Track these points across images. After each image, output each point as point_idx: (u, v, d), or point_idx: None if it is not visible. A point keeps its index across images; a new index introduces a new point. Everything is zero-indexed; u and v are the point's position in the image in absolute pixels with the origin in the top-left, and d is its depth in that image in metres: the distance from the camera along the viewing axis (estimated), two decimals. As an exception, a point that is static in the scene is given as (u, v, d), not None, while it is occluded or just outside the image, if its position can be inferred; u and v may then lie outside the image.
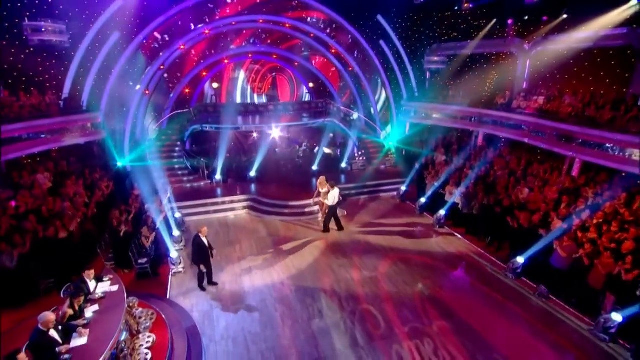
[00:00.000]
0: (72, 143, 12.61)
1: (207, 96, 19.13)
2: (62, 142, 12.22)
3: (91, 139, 13.34)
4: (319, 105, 17.36)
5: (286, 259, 9.70)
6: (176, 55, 16.70)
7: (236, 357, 6.45)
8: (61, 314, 5.51)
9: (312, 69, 19.52)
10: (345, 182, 14.36)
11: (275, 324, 7.28)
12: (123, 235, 8.60)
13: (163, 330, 6.46)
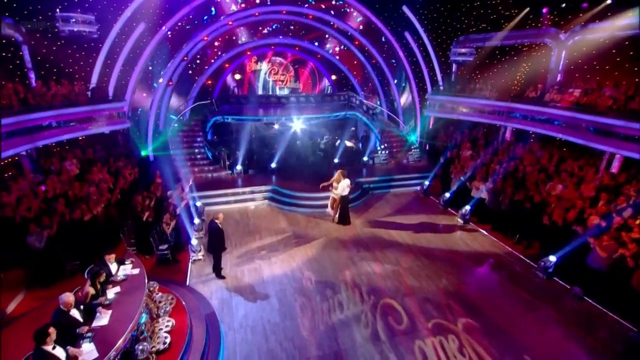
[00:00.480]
0: (98, 131, 12.87)
1: (229, 88, 19.18)
2: (89, 130, 12.48)
3: (116, 128, 13.57)
4: (342, 97, 17.04)
5: (306, 250, 9.55)
6: (199, 46, 16.79)
7: (254, 345, 6.35)
8: (84, 293, 5.55)
9: (334, 61, 19.24)
10: (367, 176, 14.09)
11: (294, 314, 7.14)
12: (145, 221, 8.66)
13: (182, 316, 6.42)
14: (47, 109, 11.11)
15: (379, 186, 13.96)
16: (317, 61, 19.88)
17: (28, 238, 7.26)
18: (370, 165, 15.53)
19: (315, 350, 6.29)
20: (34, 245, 7.31)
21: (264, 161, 14.79)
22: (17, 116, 10.04)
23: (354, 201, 12.56)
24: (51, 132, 11.22)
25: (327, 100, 16.96)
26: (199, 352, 5.85)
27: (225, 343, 6.38)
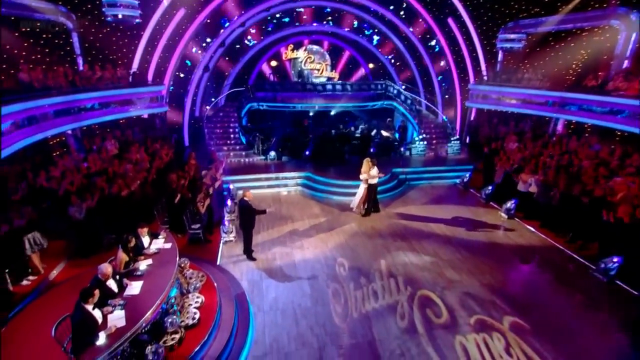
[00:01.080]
0: (138, 114, 13.20)
1: (264, 75, 19.14)
2: (129, 112, 12.81)
3: (154, 111, 13.86)
4: (379, 86, 16.49)
5: (339, 236, 9.22)
6: (237, 33, 16.82)
7: (284, 329, 6.10)
8: (118, 261, 5.54)
9: (372, 49, 18.67)
10: (403, 167, 13.52)
11: (326, 300, 6.84)
12: (178, 200, 8.66)
13: (212, 293, 6.30)
14: (91, 90, 11.47)
15: (416, 177, 13.35)
16: (354, 49, 19.38)
17: (69, 209, 7.44)
18: (407, 156, 14.91)
19: (347, 338, 5.95)
20: (75, 216, 7.48)
21: (298, 149, 14.58)
22: (65, 96, 10.42)
23: (389, 191, 12.10)
24: (94, 113, 11.58)
25: (364, 88, 16.48)
26: (228, 331, 5.67)
27: (255, 324, 6.19)
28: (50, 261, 7.38)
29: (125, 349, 4.57)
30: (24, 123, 8.93)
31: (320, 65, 19.05)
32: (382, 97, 16.84)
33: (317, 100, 16.84)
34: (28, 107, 8.92)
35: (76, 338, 4.24)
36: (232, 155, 14.10)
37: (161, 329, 5.15)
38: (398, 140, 15.43)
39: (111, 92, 12.05)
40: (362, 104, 16.92)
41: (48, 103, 9.67)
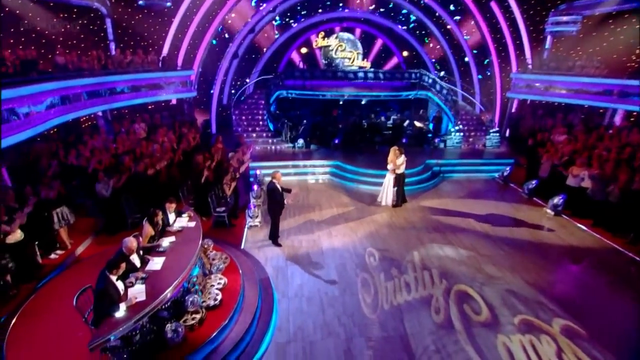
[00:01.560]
0: (167, 98, 13.35)
1: (294, 63, 18.95)
2: (158, 96, 12.96)
3: (183, 96, 13.99)
4: (413, 75, 15.87)
5: (369, 226, 8.86)
6: (267, 19, 16.70)
7: (310, 316, 5.82)
8: (143, 234, 5.49)
9: (406, 37, 18.04)
10: (437, 159, 12.92)
11: (355, 290, 6.51)
12: (204, 181, 8.58)
13: (235, 276, 6.12)
14: (122, 73, 11.67)
15: (451, 170, 12.72)
16: (387, 37, 18.81)
17: (96, 185, 7.50)
18: (441, 148, 14.27)
19: (378, 330, 5.59)
20: (101, 193, 7.54)
21: (327, 138, 14.28)
22: (97, 77, 10.64)
23: (422, 183, 11.58)
24: (124, 96, 11.79)
25: (397, 77, 15.92)
26: (251, 314, 5.46)
27: (278, 310, 5.96)
28: (77, 237, 7.49)
29: (145, 324, 4.45)
30: (58, 102, 9.15)
31: (352, 53, 18.62)
32: (416, 86, 16.21)
33: (347, 88, 16.45)
34: (61, 87, 9.12)
35: (97, 307, 4.16)
36: (260, 142, 13.99)
37: (182, 308, 5.00)
38: (432, 132, 14.77)
39: (141, 76, 12.23)
40: (394, 94, 16.35)
41: (80, 84, 9.89)
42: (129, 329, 4.11)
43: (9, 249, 5.72)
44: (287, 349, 5.20)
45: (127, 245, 4.92)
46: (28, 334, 4.91)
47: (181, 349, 4.60)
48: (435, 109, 16.18)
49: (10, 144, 6.94)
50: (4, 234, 5.63)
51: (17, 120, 7.32)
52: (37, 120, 7.99)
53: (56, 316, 5.12)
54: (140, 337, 4.39)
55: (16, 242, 5.84)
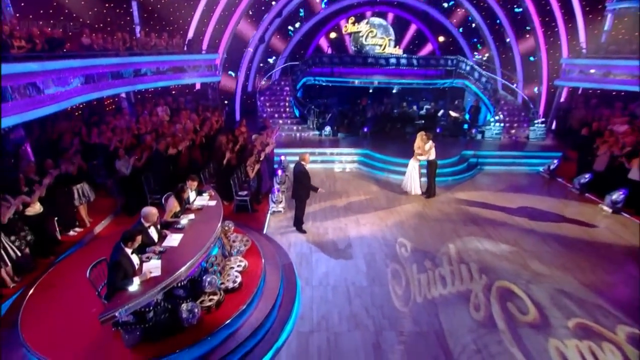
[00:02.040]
0: (190, 82, 13.37)
1: (322, 50, 18.65)
2: (182, 79, 12.99)
3: (207, 80, 13.98)
4: (449, 62, 15.20)
5: (401, 215, 8.46)
6: (296, 2, 16.44)
7: (335, 306, 5.52)
8: (167, 209, 5.45)
9: (442, 21, 17.32)
10: (474, 150, 12.28)
11: (384, 280, 6.15)
12: (226, 164, 8.43)
13: (256, 259, 5.91)
14: (147, 54, 11.75)
15: (489, 162, 12.04)
16: (422, 22, 18.13)
17: (116, 162, 7.49)
18: (478, 139, 13.57)
19: (410, 324, 5.20)
20: (121, 170, 7.53)
21: (355, 126, 13.92)
22: (121, 57, 10.73)
23: (457, 174, 11.04)
24: (148, 78, 11.86)
25: (432, 64, 15.32)
26: (272, 300, 5.21)
27: (301, 298, 5.69)
28: (96, 216, 7.52)
29: (159, 302, 4.27)
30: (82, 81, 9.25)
31: (383, 40, 18.14)
32: (453, 74, 15.55)
33: (378, 76, 16.00)
34: (86, 65, 9.20)
35: (110, 280, 4.02)
36: (285, 129, 13.78)
37: (199, 288, 4.80)
38: (469, 122, 14.08)
39: (165, 58, 12.28)
40: (428, 82, 15.77)
41: (105, 63, 9.97)
42: (141, 304, 3.94)
43: (28, 222, 5.73)
44: (310, 339, 4.92)
45: (146, 214, 4.80)
46: (43, 307, 4.87)
47: (196, 331, 4.40)
48: (472, 99, 15.45)
49: (31, 118, 7.00)
50: (23, 206, 5.64)
51: (40, 95, 7.39)
52: (60, 97, 8.07)
53: (71, 291, 5.06)
54: (154, 315, 4.21)
55: (35, 215, 5.85)
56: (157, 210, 5.02)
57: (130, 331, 4.10)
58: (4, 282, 5.29)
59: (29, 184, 5.88)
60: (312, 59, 15.87)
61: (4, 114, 6.21)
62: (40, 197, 5.97)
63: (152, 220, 4.83)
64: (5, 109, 6.27)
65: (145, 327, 4.13)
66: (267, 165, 9.52)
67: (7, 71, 6.34)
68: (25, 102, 6.89)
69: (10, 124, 6.54)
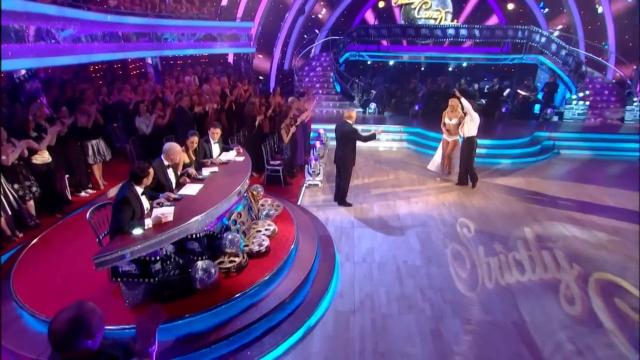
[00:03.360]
0: (222, 52, 13.21)
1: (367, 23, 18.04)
2: (212, 48, 12.85)
3: (240, 50, 13.78)
4: (519, 33, 14.01)
5: (460, 195, 7.70)
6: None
7: (382, 285, 4.84)
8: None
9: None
10: (550, 131, 11.16)
11: (443, 261, 5.39)
12: (257, 129, 8.00)
13: (288, 225, 5.37)
14: (175, 18, 11.68)
15: (570, 145, 10.84)
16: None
17: (136, 119, 7.25)
18: (555, 121, 12.36)
19: (479, 312, 4.41)
20: (141, 128, 7.31)
21: (404, 105, 13.17)
22: (147, 18, 10.69)
23: (527, 157, 10.02)
24: (176, 44, 11.80)
25: (498, 35, 14.19)
26: (304, 271, 4.62)
27: (340, 274, 5.07)
28: (111, 179, 7.29)
29: (169, 254, 3.81)
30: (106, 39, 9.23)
31: (439, 12, 17.27)
32: (524, 48, 14.36)
33: (433, 49, 15.17)
34: (108, 20, 9.17)
35: (114, 222, 3.65)
36: (324, 105, 13.29)
37: (217, 246, 4.31)
38: (542, 101, 12.87)
39: (195, 23, 12.21)
40: (493, 57, 14.70)
41: (129, 22, 9.93)
42: (147, 250, 3.47)
43: (35, 171, 5.53)
44: (352, 319, 4.27)
45: (168, 149, 4.49)
46: (40, 260, 4.61)
47: (211, 296, 3.87)
48: (546, 76, 14.18)
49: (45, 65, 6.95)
50: (30, 153, 5.44)
51: (57, 44, 7.32)
52: (80, 50, 8.02)
53: (72, 245, 4.79)
54: (162, 270, 3.74)
55: (43, 165, 5.64)
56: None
57: (132, 286, 3.65)
58: (3, 233, 5.07)
59: (39, 130, 5.68)
60: (356, 31, 15.29)
61: (15, 55, 6.11)
62: (49, 147, 5.76)
63: (173, 158, 4.52)
64: (15, 50, 6.17)
65: (150, 282, 3.67)
66: (303, 136, 9.02)
67: (19, 8, 6.26)
68: (40, 47, 6.80)
69: (22, 67, 6.46)
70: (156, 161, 4.40)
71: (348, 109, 7.08)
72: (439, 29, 14.48)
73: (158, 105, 7.60)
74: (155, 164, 4.30)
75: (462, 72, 16.26)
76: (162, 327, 3.56)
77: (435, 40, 15.47)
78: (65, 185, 6.28)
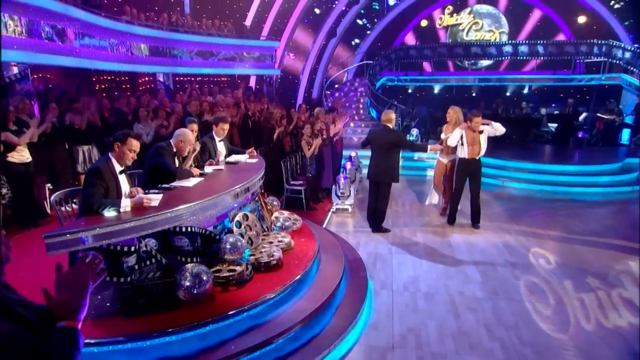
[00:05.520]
0: (242, 73, 13.52)
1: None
2: (232, 69, 13.16)
3: (263, 72, 14.04)
4: (595, 48, 13.58)
5: (527, 225, 7.05)
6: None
7: (432, 318, 4.19)
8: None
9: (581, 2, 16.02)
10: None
11: (515, 295, 4.70)
12: (276, 142, 7.77)
13: (307, 241, 4.93)
14: (191, 34, 12.13)
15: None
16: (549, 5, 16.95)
17: (135, 126, 7.16)
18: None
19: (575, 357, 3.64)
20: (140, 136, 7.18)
21: (452, 133, 12.83)
22: (161, 31, 11.15)
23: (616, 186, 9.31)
24: (191, 62, 12.14)
25: (568, 51, 13.86)
26: (326, 292, 4.06)
27: (375, 303, 4.46)
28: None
29: (150, 249, 3.38)
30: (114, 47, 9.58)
31: (492, 34, 17.45)
32: (602, 67, 13.91)
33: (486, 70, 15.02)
34: (117, 28, 9.57)
35: (85, 196, 3.38)
36: (359, 132, 13.17)
37: (215, 253, 3.85)
38: (632, 126, 12.21)
39: (213, 40, 12.62)
40: (561, 78, 14.30)
41: (140, 32, 10.34)
42: (117, 236, 3.08)
43: (9, 171, 5.40)
44: (389, 357, 3.60)
45: (180, 135, 4.48)
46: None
47: (200, 310, 3.36)
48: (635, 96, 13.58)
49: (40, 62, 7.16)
50: (5, 147, 5.33)
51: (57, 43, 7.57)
52: (83, 54, 8.28)
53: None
54: (139, 268, 3.30)
55: (21, 164, 5.51)
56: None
57: (98, 287, 3.18)
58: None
59: (19, 125, 5.63)
60: (394, 52, 15.44)
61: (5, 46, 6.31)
62: (31, 145, 5.67)
63: (182, 148, 4.45)
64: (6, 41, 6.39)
65: (120, 283, 3.22)
66: (331, 157, 8.72)
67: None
68: (37, 43, 7.03)
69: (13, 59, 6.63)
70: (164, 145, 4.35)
71: (385, 111, 6.70)
72: (494, 46, 14.37)
73: (161, 114, 7.51)
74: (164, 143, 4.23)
75: (522, 98, 15.89)
76: (129, 346, 3.15)
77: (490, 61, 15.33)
78: (45, 194, 6.11)
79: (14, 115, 5.62)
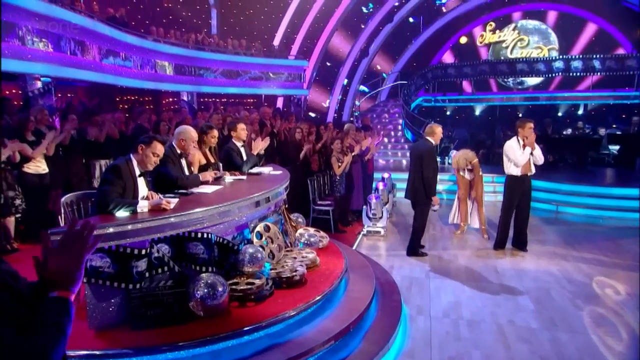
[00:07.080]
0: (269, 92, 13.79)
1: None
2: (257, 89, 13.43)
3: (291, 92, 14.26)
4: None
5: (594, 252, 6.77)
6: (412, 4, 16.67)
7: (477, 347, 3.96)
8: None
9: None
10: None
11: (577, 326, 4.42)
12: (303, 160, 7.76)
13: (334, 259, 4.80)
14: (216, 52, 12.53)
15: None
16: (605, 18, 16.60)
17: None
18: None
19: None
20: (159, 151, 7.34)
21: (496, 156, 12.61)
22: (186, 49, 11.57)
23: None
24: (216, 81, 12.48)
25: (630, 66, 13.49)
26: (355, 313, 3.90)
27: (411, 330, 4.25)
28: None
29: (163, 255, 3.33)
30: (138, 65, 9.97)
31: (540, 50, 17.27)
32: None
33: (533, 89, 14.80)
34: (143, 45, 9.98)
35: (101, 196, 3.41)
36: (391, 154, 13.11)
37: (234, 264, 3.77)
38: None
39: (239, 59, 12.98)
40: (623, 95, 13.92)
41: (166, 51, 10.75)
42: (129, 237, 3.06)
43: (24, 182, 5.55)
44: (428, 388, 3.38)
45: (182, 132, 4.41)
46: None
47: (214, 325, 3.27)
48: None
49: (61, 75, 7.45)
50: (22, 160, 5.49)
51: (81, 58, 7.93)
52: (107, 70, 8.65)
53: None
54: (149, 275, 3.25)
55: (37, 175, 5.67)
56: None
57: (102, 294, 3.16)
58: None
59: (38, 135, 5.82)
60: (431, 71, 15.45)
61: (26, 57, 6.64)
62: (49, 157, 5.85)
63: (185, 147, 4.40)
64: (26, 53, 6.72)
65: (129, 290, 3.17)
66: (362, 177, 8.63)
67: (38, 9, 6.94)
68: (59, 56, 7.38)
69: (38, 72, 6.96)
70: (170, 146, 4.32)
71: (431, 123, 6.60)
72: (542, 62, 14.16)
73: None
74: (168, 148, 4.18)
75: (577, 118, 15.53)
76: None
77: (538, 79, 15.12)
78: (60, 209, 6.22)
79: (34, 126, 5.83)
